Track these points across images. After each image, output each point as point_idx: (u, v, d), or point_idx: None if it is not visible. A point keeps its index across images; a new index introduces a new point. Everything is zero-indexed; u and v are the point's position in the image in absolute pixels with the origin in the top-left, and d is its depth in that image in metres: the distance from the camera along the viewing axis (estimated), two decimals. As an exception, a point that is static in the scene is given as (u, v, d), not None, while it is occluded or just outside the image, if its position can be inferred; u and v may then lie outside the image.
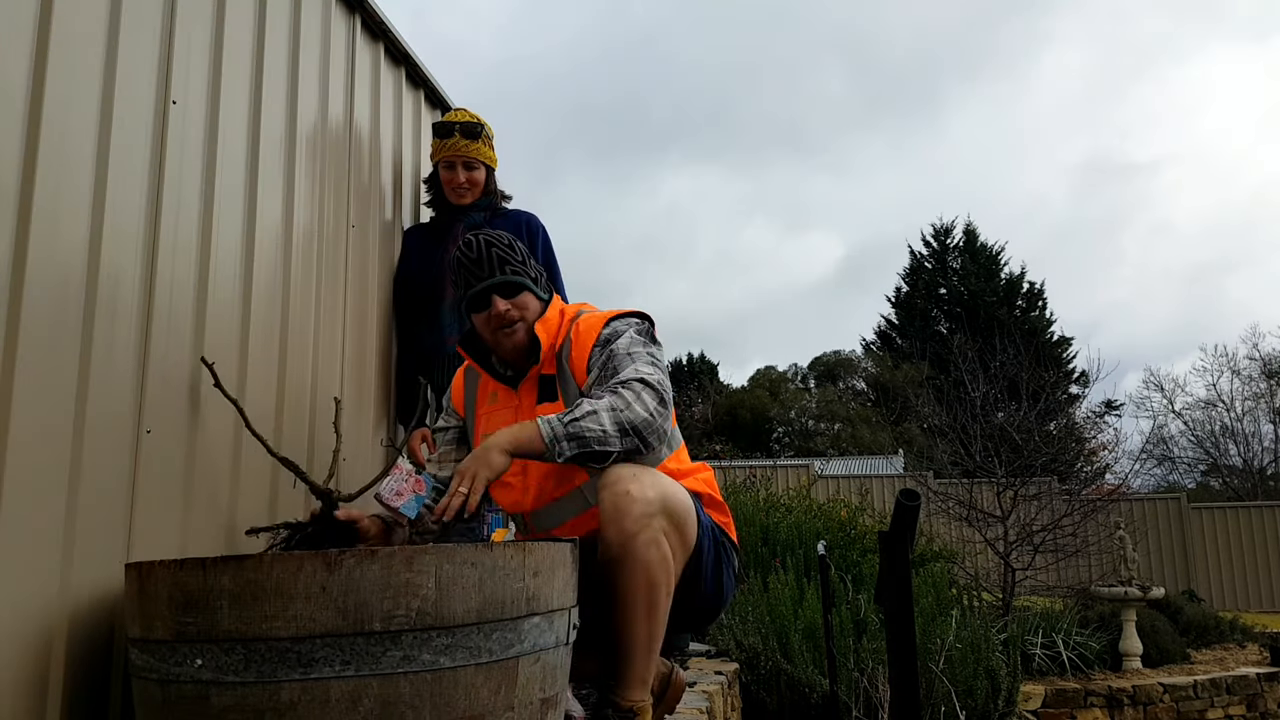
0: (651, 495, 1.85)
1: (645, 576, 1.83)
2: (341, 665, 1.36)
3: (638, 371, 1.96)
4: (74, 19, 1.69)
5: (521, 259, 2.13)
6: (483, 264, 2.08)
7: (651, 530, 1.84)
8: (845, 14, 66.04)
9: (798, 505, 7.13)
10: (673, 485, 1.93)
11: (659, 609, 1.87)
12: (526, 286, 2.11)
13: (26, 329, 1.54)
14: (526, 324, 2.10)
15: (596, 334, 2.08)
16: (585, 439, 1.84)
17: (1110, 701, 5.94)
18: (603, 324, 2.10)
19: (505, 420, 2.16)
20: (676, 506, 1.90)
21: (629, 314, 2.16)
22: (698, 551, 1.99)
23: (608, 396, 1.90)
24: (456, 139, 3.06)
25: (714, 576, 2.06)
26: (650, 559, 1.83)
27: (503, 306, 2.08)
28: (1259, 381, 24.98)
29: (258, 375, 2.19)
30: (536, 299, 2.13)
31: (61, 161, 1.65)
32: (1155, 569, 13.55)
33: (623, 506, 1.82)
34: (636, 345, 2.05)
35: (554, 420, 1.85)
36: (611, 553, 1.84)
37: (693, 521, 1.96)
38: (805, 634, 4.38)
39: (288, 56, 2.46)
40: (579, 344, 2.09)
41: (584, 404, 1.88)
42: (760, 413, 31.56)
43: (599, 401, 1.89)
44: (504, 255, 2.10)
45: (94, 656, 1.65)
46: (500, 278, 2.08)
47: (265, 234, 2.27)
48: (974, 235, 32.51)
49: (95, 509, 1.66)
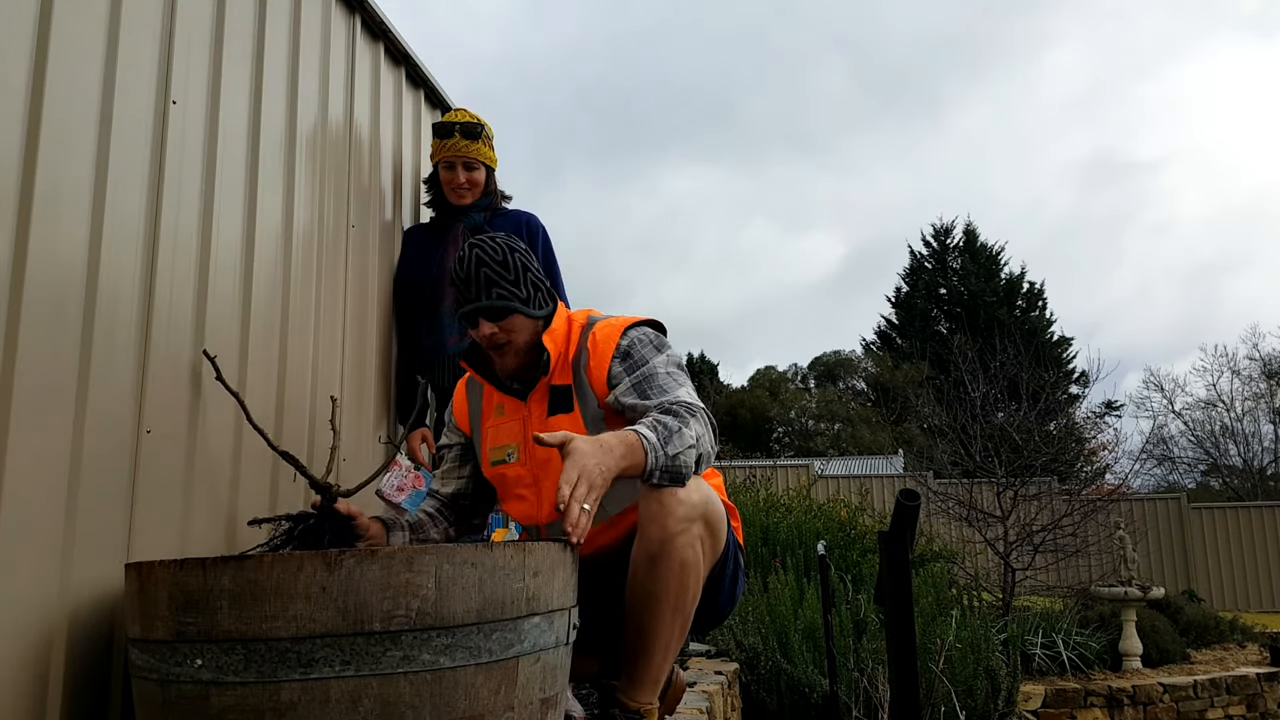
0: (696, 499, 1.84)
1: (679, 577, 1.83)
2: (341, 665, 1.36)
3: (694, 398, 1.94)
4: (74, 19, 1.69)
5: (514, 277, 2.02)
6: (470, 284, 2.00)
7: (692, 534, 1.84)
8: (845, 11, 66.08)
9: (798, 505, 7.12)
10: (712, 492, 1.93)
11: (685, 612, 1.87)
12: (514, 310, 2.01)
13: (26, 329, 1.54)
14: (515, 347, 2.03)
15: (615, 345, 2.01)
16: (680, 475, 1.80)
17: (1110, 701, 5.94)
18: (620, 334, 2.03)
19: (513, 434, 2.09)
20: (714, 514, 1.90)
21: (644, 323, 2.10)
22: (722, 561, 1.99)
23: (693, 424, 1.84)
24: (456, 139, 3.06)
25: (731, 586, 2.07)
26: (687, 560, 1.83)
27: (487, 330, 2.00)
28: (1259, 381, 25.00)
29: (258, 375, 2.19)
30: (527, 319, 2.03)
31: (61, 161, 1.65)
32: (1155, 569, 13.56)
33: (669, 505, 1.81)
34: (672, 366, 2.00)
35: (659, 449, 1.76)
36: (650, 549, 1.82)
37: (724, 530, 1.96)
38: (805, 634, 4.38)
39: (288, 56, 2.46)
40: (597, 354, 2.03)
41: (683, 433, 1.81)
42: (760, 413, 31.57)
43: (689, 430, 1.82)
44: (492, 276, 2.00)
45: (94, 656, 1.65)
46: (485, 302, 1.99)
47: (265, 234, 2.27)
48: (974, 235, 32.53)
49: (95, 509, 1.66)
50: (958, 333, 19.20)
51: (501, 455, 2.10)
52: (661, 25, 69.93)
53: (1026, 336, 17.47)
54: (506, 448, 2.10)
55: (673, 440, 1.79)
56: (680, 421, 1.83)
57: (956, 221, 33.30)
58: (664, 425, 1.81)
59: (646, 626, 1.86)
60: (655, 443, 1.76)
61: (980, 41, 60.45)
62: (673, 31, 68.90)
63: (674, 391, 1.94)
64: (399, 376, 3.04)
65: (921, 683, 3.92)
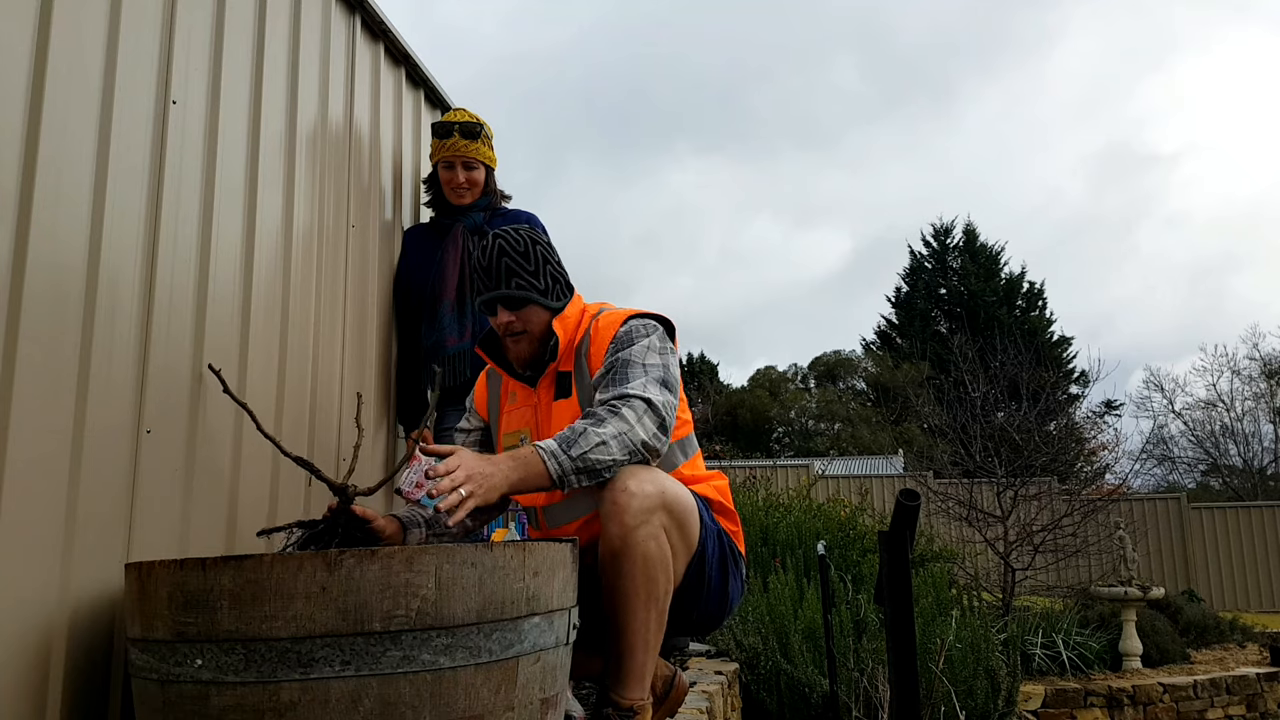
0: (650, 490, 1.85)
1: (645, 570, 1.83)
2: (341, 665, 1.36)
3: (645, 389, 1.94)
4: (74, 19, 1.69)
5: (534, 268, 2.11)
6: (491, 273, 2.09)
7: (651, 525, 1.84)
8: (848, 7, 66.01)
9: (798, 505, 7.12)
10: (673, 483, 1.93)
11: (659, 605, 1.87)
12: (532, 300, 2.09)
13: (26, 329, 1.54)
14: (531, 335, 2.11)
15: (614, 331, 2.07)
16: (597, 470, 1.84)
17: (1110, 701, 5.94)
18: (620, 322, 2.09)
19: (524, 419, 2.16)
20: (677, 503, 1.90)
21: (648, 315, 2.13)
22: (701, 551, 1.98)
23: (611, 421, 1.87)
24: (456, 139, 3.06)
25: (719, 579, 2.06)
26: (650, 553, 1.83)
27: (505, 318, 2.09)
28: (1259, 381, 25.01)
29: (257, 375, 2.19)
30: (544, 310, 2.11)
31: (61, 161, 1.65)
32: (1155, 569, 13.55)
33: (622, 502, 1.82)
34: (652, 355, 2.03)
35: (559, 454, 1.81)
36: (612, 546, 1.83)
37: (695, 520, 1.95)
38: (805, 634, 4.37)
39: (288, 56, 2.46)
40: (597, 340, 2.09)
41: (590, 433, 1.84)
42: (760, 413, 31.57)
43: (604, 429, 1.85)
44: (513, 266, 2.09)
45: (94, 656, 1.65)
46: (504, 290, 2.08)
47: (265, 234, 2.27)
48: (974, 235, 32.53)
49: (95, 509, 1.66)
50: (958, 333, 19.19)
51: (514, 440, 2.17)
52: (671, 17, 69.69)
53: (1026, 336, 17.48)
54: (520, 432, 2.18)
55: (577, 442, 1.83)
56: (594, 421, 1.87)
57: (956, 221, 33.35)
58: (572, 430, 1.86)
59: (623, 624, 1.86)
60: (555, 449, 1.82)
61: (990, 37, 60.48)
62: (676, 25, 68.72)
63: (626, 385, 1.96)
64: (399, 376, 3.05)
65: (921, 683, 3.92)
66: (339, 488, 1.84)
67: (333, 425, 2.54)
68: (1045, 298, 31.28)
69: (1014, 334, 11.60)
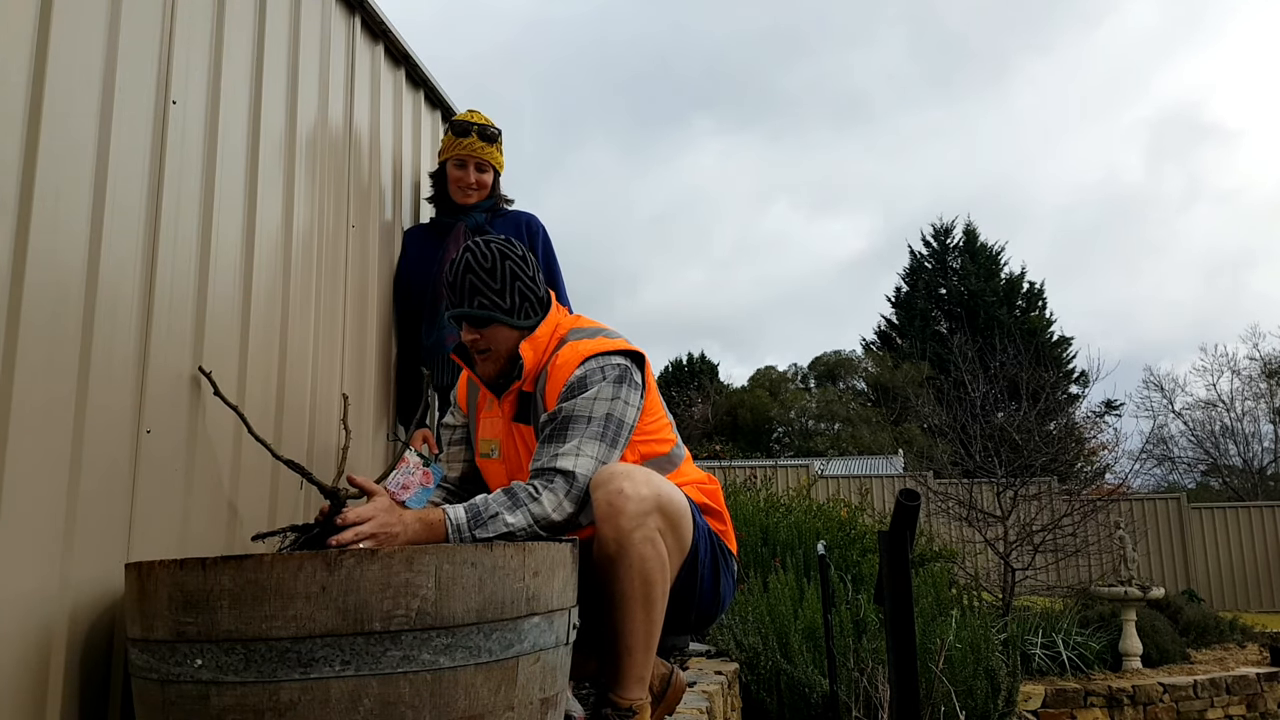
0: (646, 493, 1.85)
1: (641, 573, 1.84)
2: (341, 665, 1.36)
3: (576, 458, 1.92)
4: (74, 19, 1.69)
5: (500, 287, 2.05)
6: (455, 289, 2.07)
7: (647, 528, 1.84)
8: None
9: (798, 505, 7.12)
10: (667, 484, 1.93)
11: (655, 606, 1.88)
12: (496, 319, 2.06)
13: (26, 329, 1.54)
14: (496, 354, 2.09)
15: (570, 372, 2.02)
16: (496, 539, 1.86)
17: (1110, 701, 5.94)
18: (579, 362, 2.03)
19: (496, 429, 2.16)
20: (671, 505, 1.90)
21: (613, 351, 2.05)
22: (694, 552, 1.99)
23: (527, 506, 1.87)
24: (474, 139, 3.08)
25: (711, 578, 2.07)
26: (646, 555, 1.84)
27: (468, 336, 2.09)
28: (1259, 381, 25.01)
29: (257, 375, 2.19)
30: (510, 329, 2.08)
31: (61, 162, 1.65)
32: (1155, 569, 13.56)
33: (617, 504, 1.82)
34: (600, 405, 1.98)
35: (464, 531, 1.83)
36: (608, 550, 1.84)
37: (688, 521, 1.96)
38: (805, 634, 4.37)
39: (288, 56, 2.46)
40: (553, 379, 2.04)
41: (500, 519, 1.85)
42: (760, 413, 31.55)
43: (514, 517, 1.86)
44: (477, 284, 2.05)
45: (94, 656, 1.65)
46: (466, 309, 2.06)
47: (265, 234, 2.27)
48: (974, 235, 32.56)
49: (95, 509, 1.66)
50: (958, 333, 19.20)
51: (487, 449, 2.18)
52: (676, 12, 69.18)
53: (1026, 336, 17.49)
54: (491, 442, 2.18)
55: (486, 525, 1.84)
56: (510, 505, 1.87)
57: (956, 221, 33.37)
58: (485, 507, 1.86)
59: (621, 626, 1.87)
60: (462, 524, 1.83)
61: (988, 39, 60.43)
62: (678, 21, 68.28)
63: (560, 447, 1.94)
64: (399, 376, 3.05)
65: (921, 683, 3.92)
66: (330, 491, 1.85)
67: (333, 425, 2.54)
68: (1045, 298, 31.33)
69: (1014, 334, 11.60)
